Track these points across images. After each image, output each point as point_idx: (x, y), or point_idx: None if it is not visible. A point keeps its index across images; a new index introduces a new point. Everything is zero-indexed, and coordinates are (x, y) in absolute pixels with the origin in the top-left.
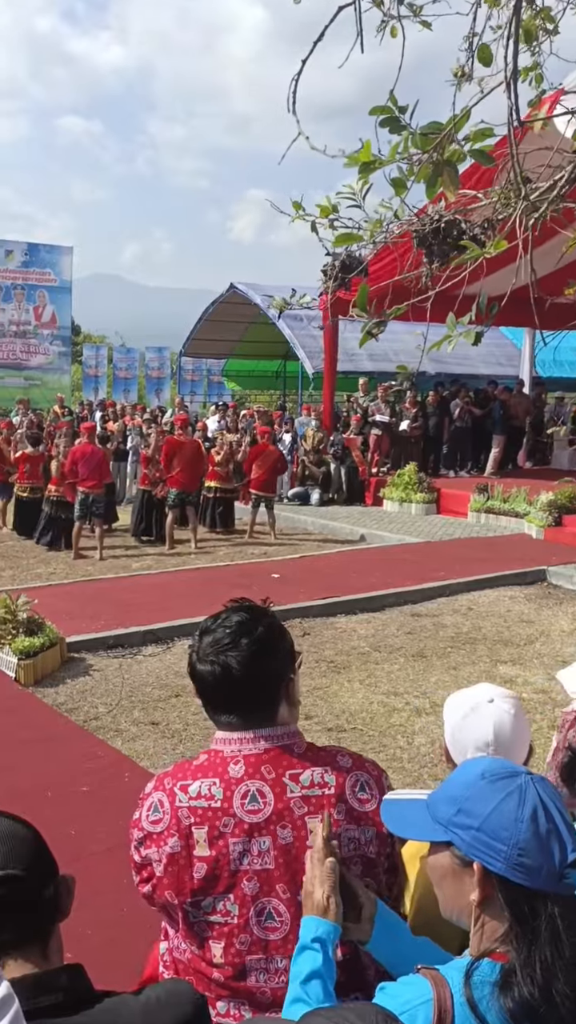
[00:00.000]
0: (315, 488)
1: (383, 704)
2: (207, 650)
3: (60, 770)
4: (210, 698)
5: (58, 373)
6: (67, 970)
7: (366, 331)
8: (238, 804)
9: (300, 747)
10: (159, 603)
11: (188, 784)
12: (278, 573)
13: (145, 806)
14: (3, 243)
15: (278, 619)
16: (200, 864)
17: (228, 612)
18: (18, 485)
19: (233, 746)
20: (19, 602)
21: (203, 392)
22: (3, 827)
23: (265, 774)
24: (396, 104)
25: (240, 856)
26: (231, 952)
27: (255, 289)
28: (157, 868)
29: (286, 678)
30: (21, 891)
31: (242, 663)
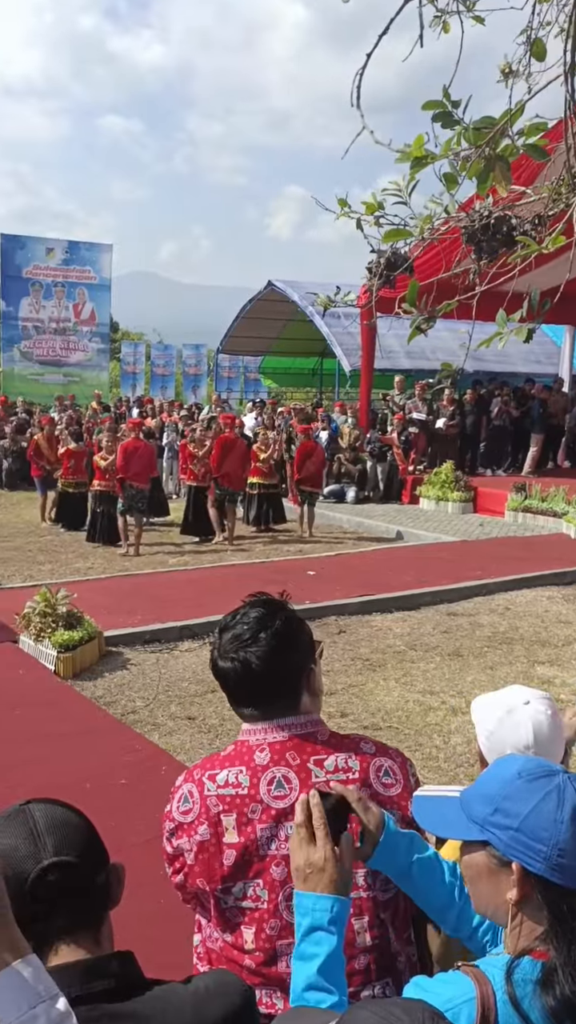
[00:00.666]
0: (351, 486)
1: (419, 703)
2: (227, 647)
3: (99, 762)
4: (233, 693)
5: (97, 370)
6: (118, 956)
7: (415, 327)
8: (264, 790)
9: (323, 734)
10: (195, 599)
11: (216, 773)
12: (314, 570)
13: (176, 798)
14: (44, 241)
15: (295, 612)
16: (230, 851)
17: (246, 607)
18: (63, 480)
19: (258, 735)
20: (59, 596)
21: (239, 389)
22: (57, 814)
23: (290, 760)
24: (449, 99)
25: (268, 841)
26: (262, 937)
27: (293, 286)
28: (188, 857)
29: (306, 669)
30: (74, 878)
31: (262, 658)
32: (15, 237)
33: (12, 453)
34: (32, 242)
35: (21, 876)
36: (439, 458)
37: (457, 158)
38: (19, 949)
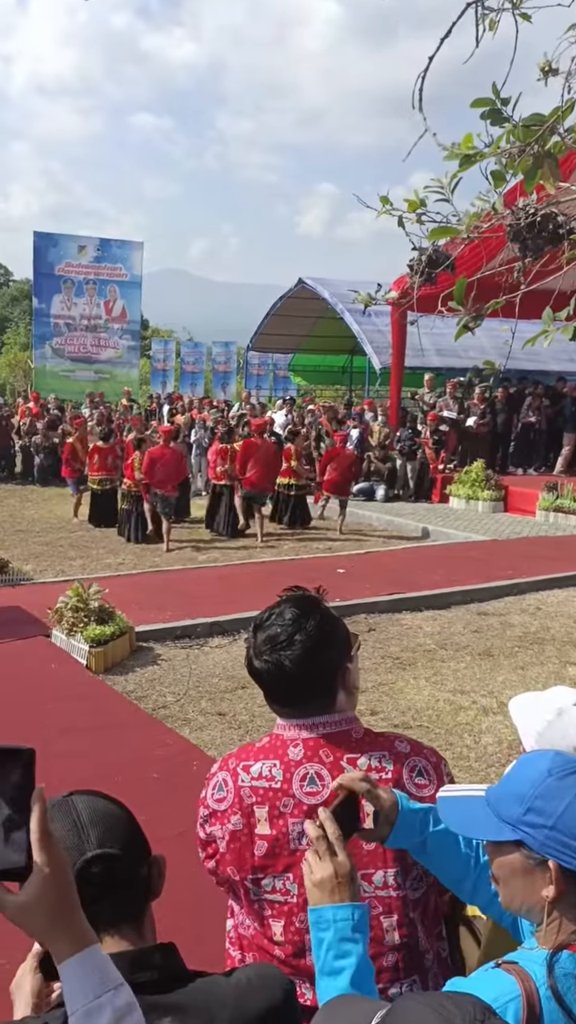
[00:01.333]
0: (380, 484)
1: (449, 702)
2: (263, 647)
3: (131, 756)
4: (268, 692)
5: (127, 367)
6: (161, 948)
7: (462, 325)
8: (297, 786)
9: (358, 732)
10: (225, 595)
11: (250, 765)
12: (343, 568)
13: (210, 785)
14: (76, 238)
15: (330, 609)
16: (261, 842)
17: (281, 606)
18: (90, 477)
19: (292, 731)
20: (91, 591)
21: (269, 386)
22: (100, 807)
23: (323, 758)
24: (498, 96)
25: (299, 836)
26: (291, 930)
27: (323, 284)
28: (220, 844)
29: (342, 667)
30: (118, 869)
31: (297, 660)
32: (48, 235)
33: (44, 449)
34: (64, 240)
35: None
36: (469, 457)
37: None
38: (86, 938)
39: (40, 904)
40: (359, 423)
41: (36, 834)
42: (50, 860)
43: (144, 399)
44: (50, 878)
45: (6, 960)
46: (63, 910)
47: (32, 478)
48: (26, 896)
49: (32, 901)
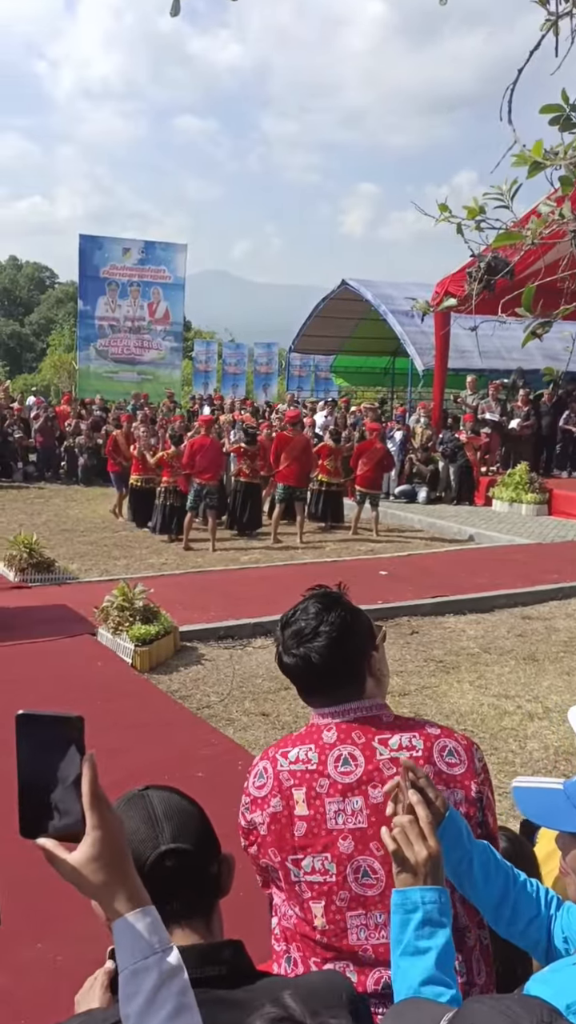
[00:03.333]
0: (422, 486)
1: (493, 706)
2: (290, 642)
3: (176, 755)
4: (300, 685)
5: (170, 368)
6: (231, 945)
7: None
8: (332, 766)
9: (388, 716)
10: (267, 596)
11: (288, 751)
12: (386, 571)
13: (252, 775)
14: (121, 241)
15: (351, 602)
16: (300, 823)
17: (305, 602)
18: (133, 476)
19: (326, 718)
20: (136, 591)
21: (310, 388)
22: (175, 803)
23: (356, 739)
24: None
25: (336, 815)
26: (332, 909)
27: (366, 285)
28: (261, 829)
29: (367, 655)
30: (189, 865)
31: (322, 652)
32: (93, 238)
33: (88, 450)
34: (109, 243)
35: (139, 859)
36: (513, 459)
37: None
38: (139, 899)
39: (93, 862)
40: (401, 425)
41: (87, 796)
42: (101, 820)
43: (186, 400)
44: (103, 837)
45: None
46: (116, 869)
47: (76, 478)
48: (80, 855)
49: (85, 859)
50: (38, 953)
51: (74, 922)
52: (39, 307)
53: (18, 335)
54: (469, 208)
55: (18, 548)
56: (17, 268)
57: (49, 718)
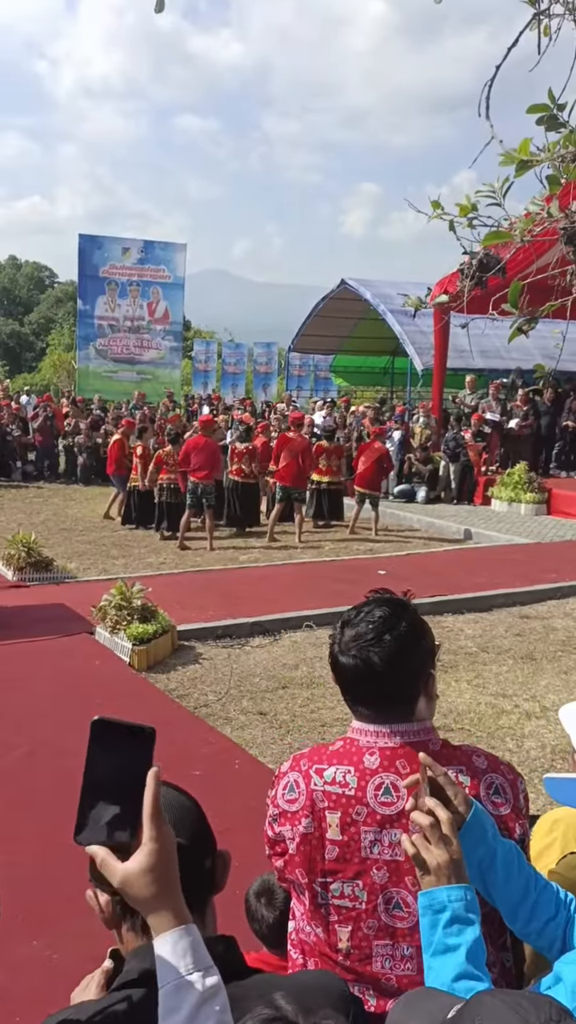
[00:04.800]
0: (421, 486)
1: (491, 705)
2: (349, 644)
3: (174, 754)
4: (350, 690)
5: (169, 367)
6: (224, 940)
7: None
8: (372, 795)
9: (435, 744)
10: (266, 595)
11: (324, 768)
12: (384, 570)
13: (281, 784)
14: (120, 241)
15: (418, 614)
16: (332, 847)
17: (371, 605)
18: (132, 476)
19: (369, 738)
20: (134, 590)
21: (310, 387)
22: (171, 797)
23: (400, 768)
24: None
25: (371, 845)
26: (358, 935)
27: (365, 285)
28: (290, 845)
29: (426, 674)
30: (184, 860)
31: (384, 659)
32: (93, 238)
33: (87, 449)
34: (109, 242)
35: None
36: (512, 459)
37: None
38: (185, 915)
39: (147, 875)
40: (400, 424)
41: (149, 808)
42: (159, 834)
43: (184, 400)
44: (158, 851)
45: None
46: (167, 884)
47: (75, 477)
48: (135, 865)
49: (140, 871)
50: (33, 951)
51: (70, 920)
52: (39, 307)
53: (17, 334)
54: (461, 206)
55: (16, 547)
56: (17, 268)
57: (124, 727)
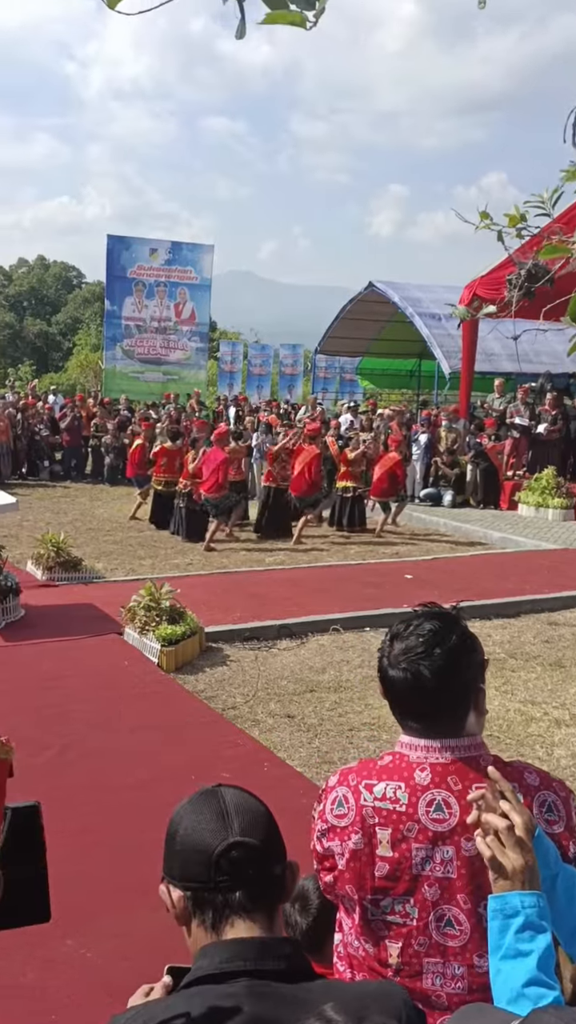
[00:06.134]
0: (448, 489)
1: (520, 712)
2: (398, 657)
3: (202, 755)
4: (398, 703)
5: (195, 368)
6: (289, 941)
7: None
8: (423, 811)
9: (487, 760)
10: (292, 598)
11: (373, 784)
12: (411, 574)
13: (329, 799)
14: (148, 242)
15: (468, 627)
16: (382, 863)
17: (420, 618)
18: (154, 478)
19: (419, 752)
20: (163, 591)
21: (335, 389)
22: (245, 800)
23: (451, 784)
24: None
25: (422, 862)
26: (408, 952)
27: (393, 287)
28: (339, 861)
29: (477, 687)
30: (256, 860)
31: (434, 673)
32: (121, 238)
33: (113, 449)
34: (137, 243)
35: (208, 849)
36: (540, 463)
37: None
38: None
39: None
40: (427, 427)
41: None
42: None
43: (211, 401)
44: None
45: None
46: None
47: (102, 477)
48: None
49: None
50: (68, 949)
51: (104, 918)
52: (66, 307)
53: (45, 334)
54: (510, 216)
55: (46, 547)
56: (45, 268)
57: None
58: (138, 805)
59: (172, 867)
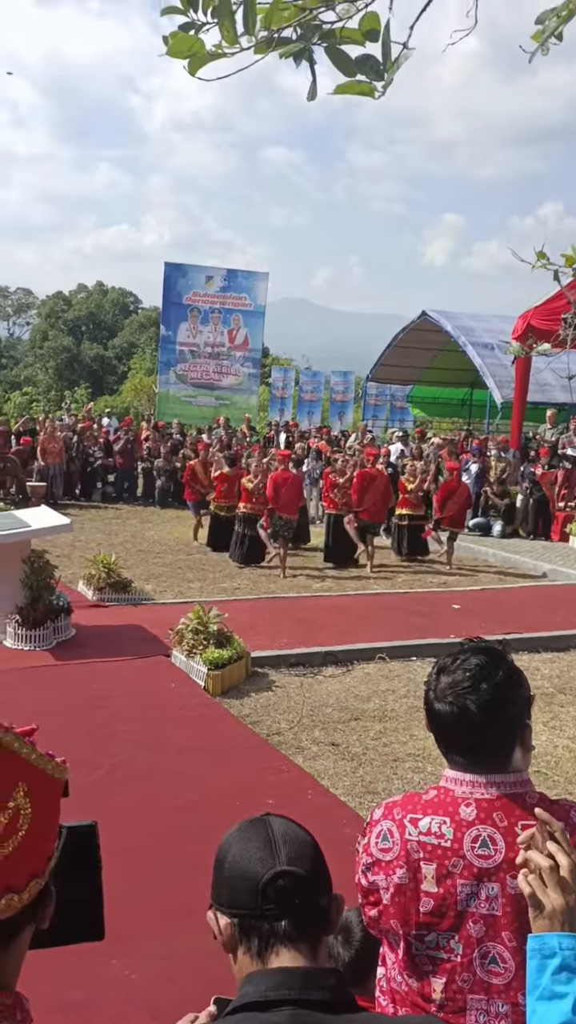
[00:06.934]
0: (497, 519)
1: (569, 749)
2: (445, 690)
3: (247, 780)
4: (444, 737)
5: (247, 394)
6: (333, 972)
7: None
8: (468, 847)
9: (532, 797)
10: (339, 625)
11: (418, 819)
12: (458, 604)
13: (374, 833)
14: (204, 269)
15: (514, 663)
16: (427, 899)
17: (467, 653)
18: (215, 504)
19: (465, 788)
20: (211, 614)
21: (385, 417)
22: (292, 830)
23: (497, 821)
24: None
25: (467, 898)
26: (452, 988)
27: (446, 317)
28: (384, 896)
29: (523, 723)
30: (302, 890)
31: (480, 708)
32: (178, 266)
33: (165, 472)
34: (193, 271)
35: (255, 877)
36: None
37: None
38: None
39: None
40: (478, 457)
41: None
42: None
43: (262, 426)
44: None
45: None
46: None
47: (153, 500)
48: None
49: None
50: (113, 969)
51: (149, 940)
52: (122, 331)
53: (101, 358)
54: (567, 256)
55: (97, 567)
56: (103, 293)
57: None
58: (185, 827)
59: (220, 894)
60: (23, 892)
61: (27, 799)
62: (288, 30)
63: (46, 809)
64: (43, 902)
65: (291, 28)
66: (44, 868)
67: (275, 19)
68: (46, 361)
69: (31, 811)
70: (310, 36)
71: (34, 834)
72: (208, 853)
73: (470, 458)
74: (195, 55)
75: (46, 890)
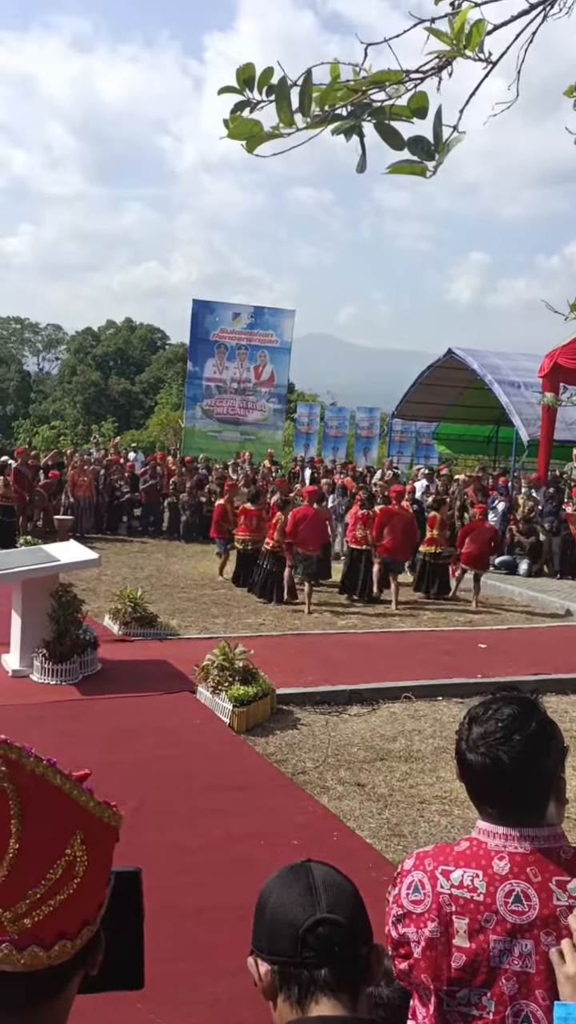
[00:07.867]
0: (523, 558)
1: None
2: (477, 741)
3: (272, 820)
4: (476, 788)
5: (272, 429)
6: (373, 1023)
7: None
8: (501, 902)
9: (567, 852)
10: (364, 663)
11: (450, 871)
12: (485, 643)
13: (404, 884)
14: (231, 306)
15: (548, 714)
16: (459, 954)
17: (499, 703)
18: (237, 537)
19: (497, 840)
20: (236, 651)
21: (410, 453)
22: (333, 877)
23: (531, 876)
24: None
25: (500, 954)
26: None
27: (472, 355)
28: (415, 949)
29: (557, 776)
30: (342, 937)
31: (513, 759)
32: (206, 303)
33: (190, 507)
34: (220, 308)
35: (295, 924)
36: None
37: None
38: None
39: None
40: (504, 495)
41: None
42: None
43: (287, 461)
44: None
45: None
46: None
47: (178, 534)
48: None
49: None
50: (137, 1013)
51: (174, 986)
52: (150, 367)
53: (128, 393)
54: None
55: (123, 602)
56: (132, 329)
57: None
58: (211, 867)
59: (260, 940)
60: (76, 939)
61: (83, 846)
62: (340, 108)
63: (100, 856)
64: (94, 948)
65: (343, 106)
66: (96, 915)
67: (330, 99)
68: (74, 395)
69: (87, 858)
70: (361, 113)
71: (88, 881)
72: (234, 893)
73: (496, 495)
74: (253, 135)
75: (97, 936)
